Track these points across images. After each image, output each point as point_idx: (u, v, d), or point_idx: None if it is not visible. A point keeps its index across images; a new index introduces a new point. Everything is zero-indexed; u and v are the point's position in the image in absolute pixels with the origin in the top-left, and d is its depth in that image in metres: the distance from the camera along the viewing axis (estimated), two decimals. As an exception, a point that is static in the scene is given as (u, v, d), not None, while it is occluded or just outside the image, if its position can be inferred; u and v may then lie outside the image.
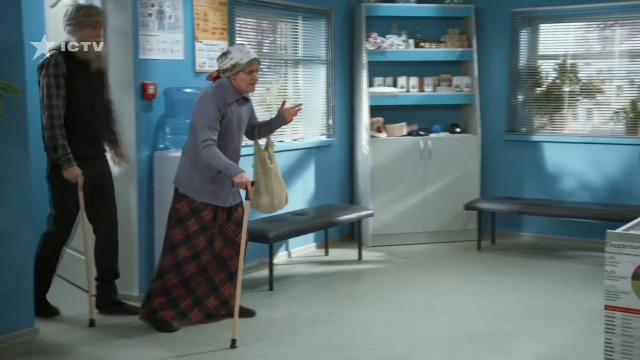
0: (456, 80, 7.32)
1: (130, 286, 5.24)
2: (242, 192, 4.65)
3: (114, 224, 4.89)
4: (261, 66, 4.76)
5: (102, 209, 4.82)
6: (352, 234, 7.27)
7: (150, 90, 5.18)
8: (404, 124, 7.16)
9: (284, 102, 4.89)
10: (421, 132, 7.21)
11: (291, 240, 6.63)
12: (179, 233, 4.51)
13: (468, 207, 6.92)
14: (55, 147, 4.47)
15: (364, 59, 6.99)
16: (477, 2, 7.40)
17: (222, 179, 4.44)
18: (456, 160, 7.19)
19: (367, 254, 6.72)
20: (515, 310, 5.12)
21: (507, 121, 7.46)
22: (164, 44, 5.31)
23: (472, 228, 7.16)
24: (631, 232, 3.07)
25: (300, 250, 6.85)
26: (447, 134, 7.34)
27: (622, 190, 6.90)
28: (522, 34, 7.38)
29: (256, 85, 4.69)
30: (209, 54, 5.60)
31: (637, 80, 7.01)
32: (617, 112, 7.03)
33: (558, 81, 7.27)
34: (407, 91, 7.19)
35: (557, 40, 7.34)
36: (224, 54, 4.52)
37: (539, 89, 7.38)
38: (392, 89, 7.10)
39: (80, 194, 4.60)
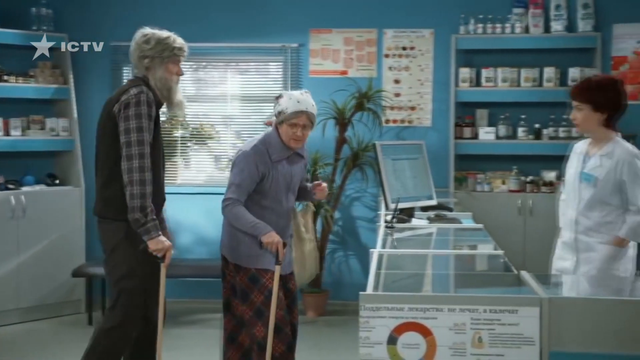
0: (50, 122, 6.21)
1: None
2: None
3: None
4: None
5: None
6: None
7: None
8: (-14, 174, 5.76)
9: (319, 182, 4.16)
10: (10, 186, 5.91)
11: None
12: (247, 311, 3.84)
13: (76, 273, 5.81)
14: (144, 207, 3.56)
15: None
16: (69, 32, 6.36)
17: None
18: (56, 218, 6.04)
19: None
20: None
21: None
22: None
23: (79, 298, 6.06)
24: (385, 293, 2.81)
25: None
26: (42, 186, 6.15)
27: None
28: (125, 71, 6.53)
29: None
30: None
31: (250, 126, 6.67)
32: (231, 160, 6.56)
33: (167, 126, 6.54)
34: (-11, 135, 5.83)
35: (162, 80, 6.64)
36: (277, 97, 3.89)
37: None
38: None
39: (163, 273, 3.72)
